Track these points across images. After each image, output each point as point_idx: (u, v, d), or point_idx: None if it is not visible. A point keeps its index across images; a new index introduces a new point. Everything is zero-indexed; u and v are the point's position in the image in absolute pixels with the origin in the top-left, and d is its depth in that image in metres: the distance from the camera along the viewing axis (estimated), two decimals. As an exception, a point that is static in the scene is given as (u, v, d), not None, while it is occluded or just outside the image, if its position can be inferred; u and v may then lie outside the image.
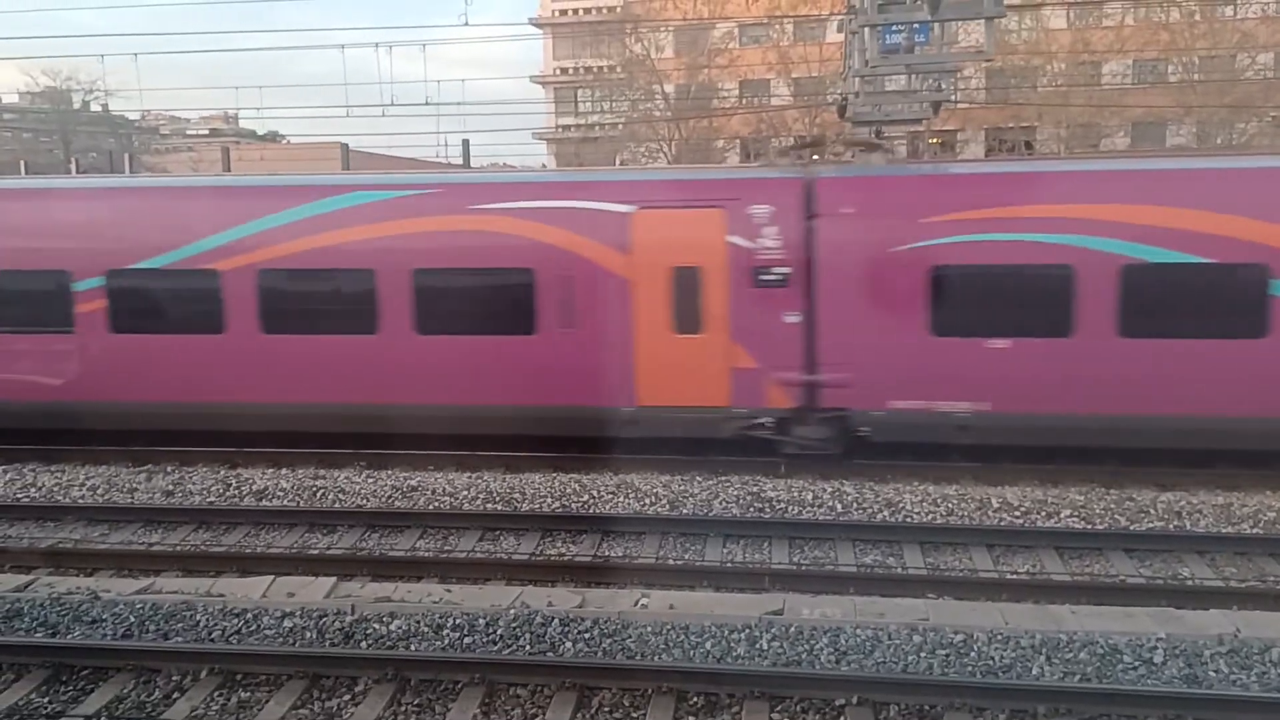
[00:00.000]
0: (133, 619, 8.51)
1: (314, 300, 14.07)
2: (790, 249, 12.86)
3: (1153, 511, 11.61)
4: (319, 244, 13.68)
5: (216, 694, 7.49)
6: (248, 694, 7.51)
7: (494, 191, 13.83)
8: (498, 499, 12.35)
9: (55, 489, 13.15)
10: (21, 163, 30.68)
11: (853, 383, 12.87)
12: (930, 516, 11.53)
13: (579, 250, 13.29)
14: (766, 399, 13.11)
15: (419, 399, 13.68)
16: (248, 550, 11.10)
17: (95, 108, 58.06)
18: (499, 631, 8.14)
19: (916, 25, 17.10)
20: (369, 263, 13.61)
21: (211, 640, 8.24)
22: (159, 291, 14.32)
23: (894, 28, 17.04)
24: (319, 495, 12.68)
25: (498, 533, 11.39)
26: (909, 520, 11.43)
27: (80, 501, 12.70)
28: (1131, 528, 11.17)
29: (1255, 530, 11.11)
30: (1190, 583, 9.86)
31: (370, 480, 13.17)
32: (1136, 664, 7.46)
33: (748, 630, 8.00)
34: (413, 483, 12.97)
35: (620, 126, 46.13)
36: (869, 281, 12.77)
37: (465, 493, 12.57)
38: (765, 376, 13.05)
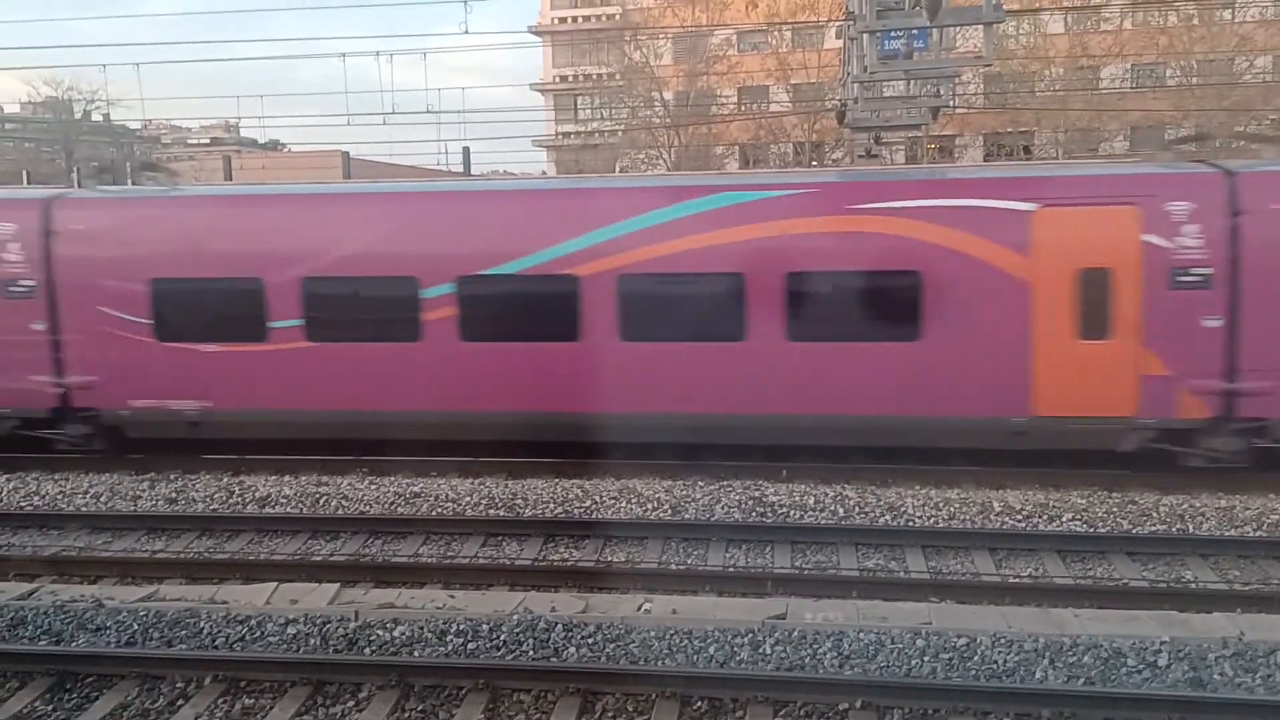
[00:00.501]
0: (136, 626, 8.50)
1: (676, 306, 13.43)
2: (1212, 248, 12.04)
3: (1155, 514, 11.61)
4: (684, 247, 13.01)
5: (220, 701, 7.49)
6: (252, 701, 7.51)
7: (875, 191, 13.21)
8: (500, 505, 12.36)
9: (59, 497, 13.16)
10: (24, 172, 30.73)
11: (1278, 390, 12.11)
12: (932, 520, 11.54)
13: (971, 251, 12.53)
14: (1177, 409, 12.32)
15: (789, 409, 13.00)
16: (251, 557, 11.11)
17: (97, 117, 58.12)
18: (502, 637, 8.14)
19: (915, 31, 17.20)
20: (738, 266, 12.94)
21: (215, 647, 8.23)
22: (512, 298, 13.67)
23: (893, 34, 17.14)
24: (322, 502, 12.69)
25: (500, 538, 11.39)
26: (911, 524, 11.44)
27: (84, 509, 12.70)
28: (1134, 531, 11.17)
29: (1259, 533, 11.10)
30: (1194, 586, 9.86)
31: (373, 487, 13.18)
32: (1141, 667, 7.45)
33: (751, 635, 7.99)
34: (415, 489, 12.98)
35: (620, 133, 46.21)
36: None
37: (468, 499, 12.58)
38: (1178, 385, 12.26)
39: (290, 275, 13.75)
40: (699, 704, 7.23)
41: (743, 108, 45.48)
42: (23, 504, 12.96)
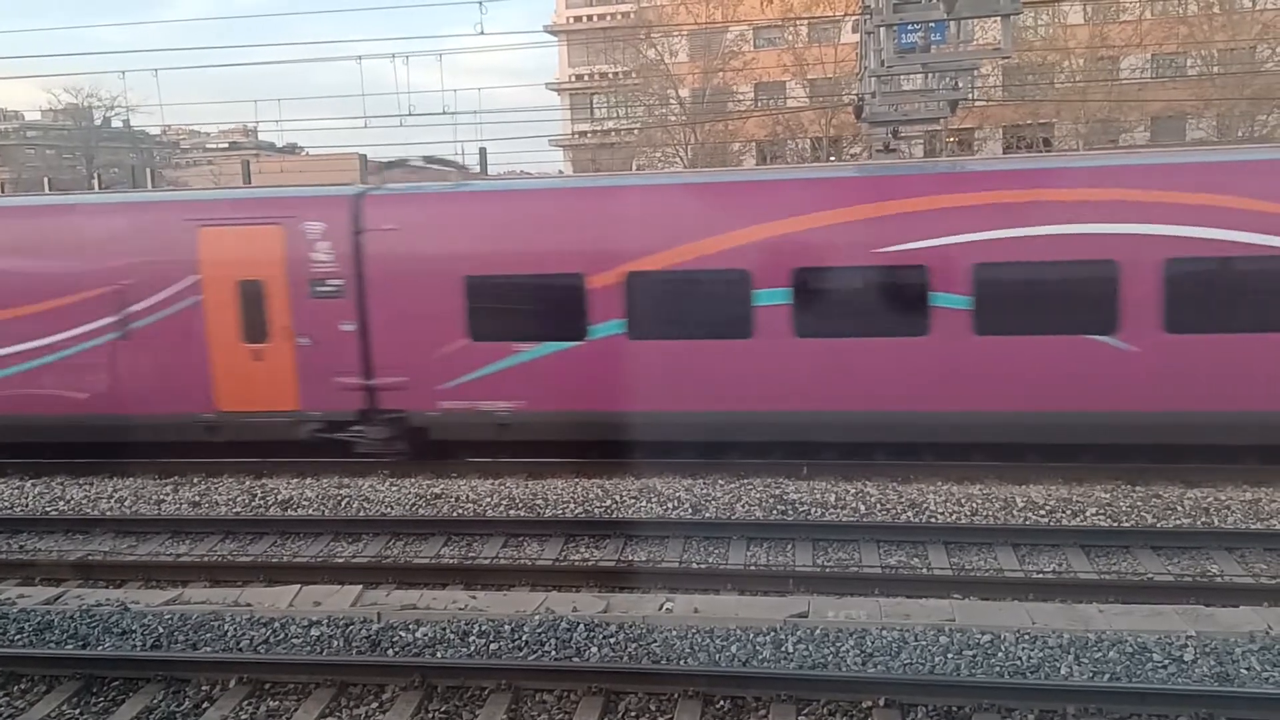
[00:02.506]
0: (162, 629, 8.58)
1: None
2: None
3: (1180, 508, 11.51)
4: None
5: (245, 703, 7.53)
6: (276, 703, 7.55)
7: None
8: (521, 505, 12.38)
9: (84, 501, 13.27)
10: (45, 179, 31.05)
11: None
12: (955, 516, 11.48)
13: None
14: None
15: None
16: (274, 560, 11.16)
17: (117, 123, 58.69)
18: (524, 637, 8.16)
19: (932, 24, 17.08)
20: None
21: (240, 650, 8.28)
22: None
23: (910, 27, 17.03)
24: (343, 504, 12.74)
25: (521, 539, 11.41)
26: (933, 521, 11.37)
27: (109, 514, 12.80)
28: (1158, 525, 11.07)
29: (1285, 526, 10.98)
30: (1220, 580, 9.77)
31: (394, 488, 13.22)
32: (1166, 662, 7.40)
33: (773, 633, 7.99)
34: (436, 490, 13.02)
35: (636, 132, 46.20)
36: None
37: (488, 499, 12.61)
38: None
39: None
40: (721, 703, 7.21)
41: (759, 104, 45.34)
42: (48, 509, 13.08)
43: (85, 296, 14.14)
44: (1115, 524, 11.14)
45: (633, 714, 7.20)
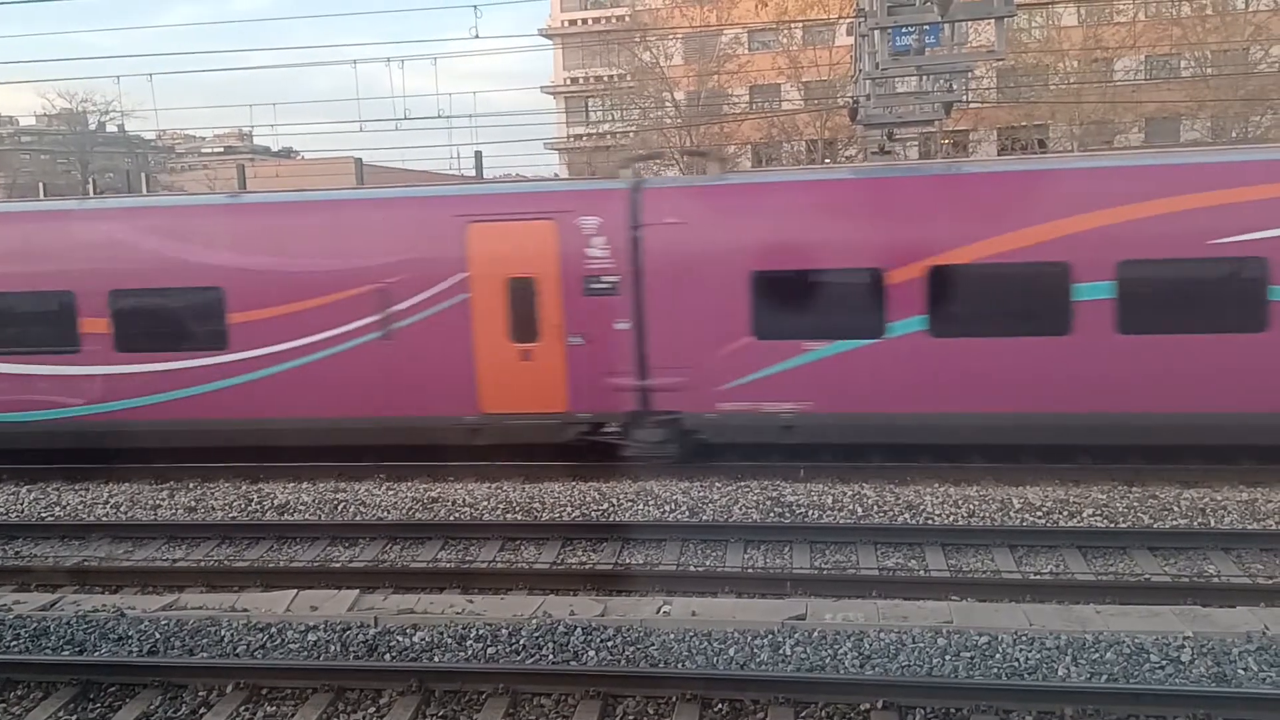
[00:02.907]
0: (158, 635, 8.56)
1: None
2: None
3: (1176, 509, 11.53)
4: None
5: (242, 709, 7.52)
6: (273, 708, 7.53)
7: None
8: (518, 509, 12.38)
9: (80, 507, 13.25)
10: (40, 185, 31.01)
11: None
12: (952, 518, 11.49)
13: None
14: None
15: None
16: (270, 564, 11.14)
17: (111, 128, 58.69)
18: (522, 641, 8.15)
19: (926, 27, 17.09)
20: None
21: (236, 655, 8.27)
22: None
23: (904, 30, 17.03)
24: (340, 508, 12.73)
25: (518, 542, 11.40)
26: (930, 522, 11.39)
27: (104, 519, 12.79)
28: (1155, 526, 11.09)
29: (1281, 526, 11.00)
30: (1216, 580, 9.79)
31: (390, 492, 13.21)
32: (1163, 663, 7.41)
33: (771, 636, 7.99)
34: (433, 494, 13.01)
35: (632, 135, 46.22)
36: None
37: (485, 503, 12.60)
38: None
39: None
40: (719, 706, 7.21)
41: (754, 107, 45.39)
42: (44, 515, 13.05)
43: (345, 296, 13.67)
44: (1112, 525, 11.15)
45: (630, 717, 7.20)
